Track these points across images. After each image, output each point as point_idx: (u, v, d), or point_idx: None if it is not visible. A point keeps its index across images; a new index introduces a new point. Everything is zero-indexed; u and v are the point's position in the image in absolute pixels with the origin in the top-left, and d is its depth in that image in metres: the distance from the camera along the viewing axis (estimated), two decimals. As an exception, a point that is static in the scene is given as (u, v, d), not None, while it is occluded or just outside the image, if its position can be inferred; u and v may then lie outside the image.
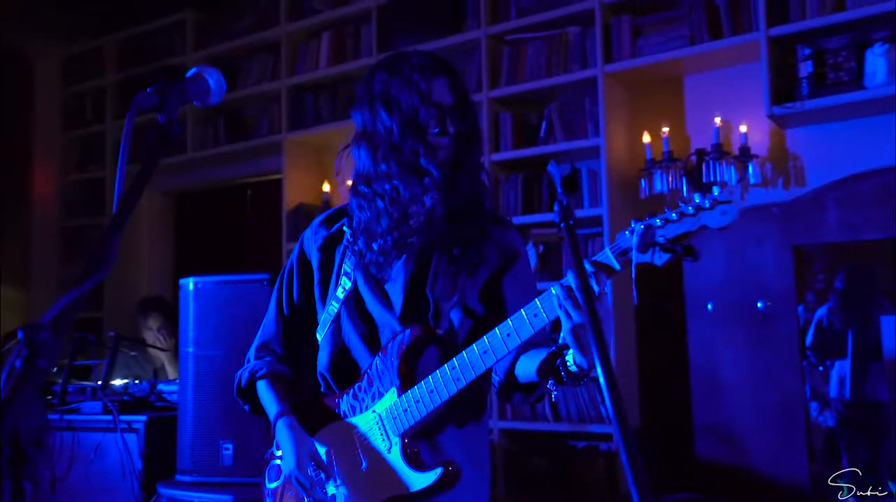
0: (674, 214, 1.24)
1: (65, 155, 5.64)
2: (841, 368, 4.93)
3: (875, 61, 2.89)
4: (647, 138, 3.55)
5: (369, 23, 4.28)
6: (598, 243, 3.60)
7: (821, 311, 5.02)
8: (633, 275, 1.27)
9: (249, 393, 1.73)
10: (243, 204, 5.33)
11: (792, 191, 3.36)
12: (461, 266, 1.55)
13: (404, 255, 1.57)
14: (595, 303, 1.15)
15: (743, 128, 3.38)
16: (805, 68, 3.08)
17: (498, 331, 1.40)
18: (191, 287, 2.74)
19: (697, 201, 1.23)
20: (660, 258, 1.26)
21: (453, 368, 1.44)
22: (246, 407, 1.76)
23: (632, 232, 1.27)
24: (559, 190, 1.20)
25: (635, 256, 1.25)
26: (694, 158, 3.50)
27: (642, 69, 3.54)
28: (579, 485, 3.57)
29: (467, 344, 1.46)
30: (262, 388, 1.70)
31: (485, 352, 1.41)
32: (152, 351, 3.94)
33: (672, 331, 3.54)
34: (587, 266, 1.28)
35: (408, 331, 1.52)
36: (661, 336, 3.63)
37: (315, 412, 1.63)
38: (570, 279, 1.32)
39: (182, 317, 2.76)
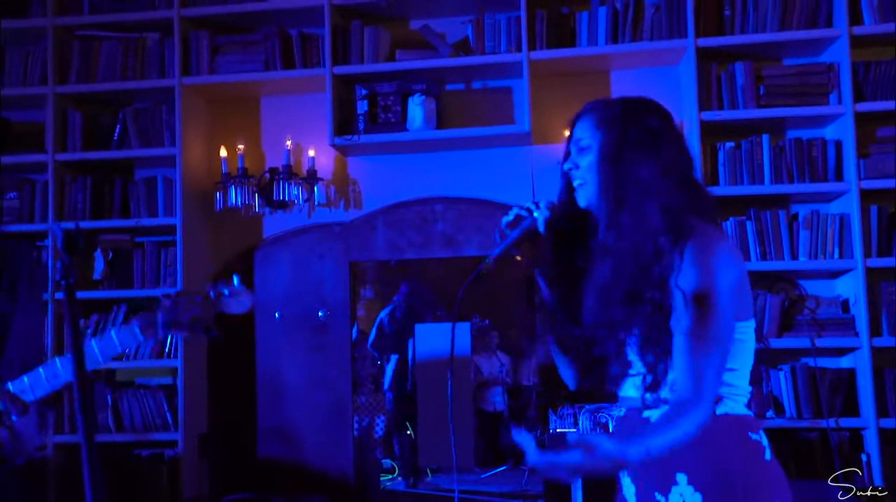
0: (199, 298, 1.39)
1: None
2: (395, 363, 5.62)
3: (414, 109, 3.38)
4: (223, 152, 3.67)
5: None
6: (172, 252, 3.62)
7: (382, 314, 5.66)
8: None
9: None
10: None
11: (351, 212, 3.76)
12: None
13: None
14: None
15: (311, 153, 3.68)
16: (362, 106, 3.47)
17: None
18: None
19: (221, 288, 1.39)
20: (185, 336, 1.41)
21: None
22: None
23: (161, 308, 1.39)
24: (61, 250, 1.26)
25: (162, 333, 1.37)
26: (268, 176, 3.72)
27: (221, 86, 3.65)
28: (145, 494, 3.56)
29: None
30: None
31: None
32: None
33: (243, 339, 3.71)
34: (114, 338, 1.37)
35: None
36: (231, 343, 3.77)
37: None
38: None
39: None
